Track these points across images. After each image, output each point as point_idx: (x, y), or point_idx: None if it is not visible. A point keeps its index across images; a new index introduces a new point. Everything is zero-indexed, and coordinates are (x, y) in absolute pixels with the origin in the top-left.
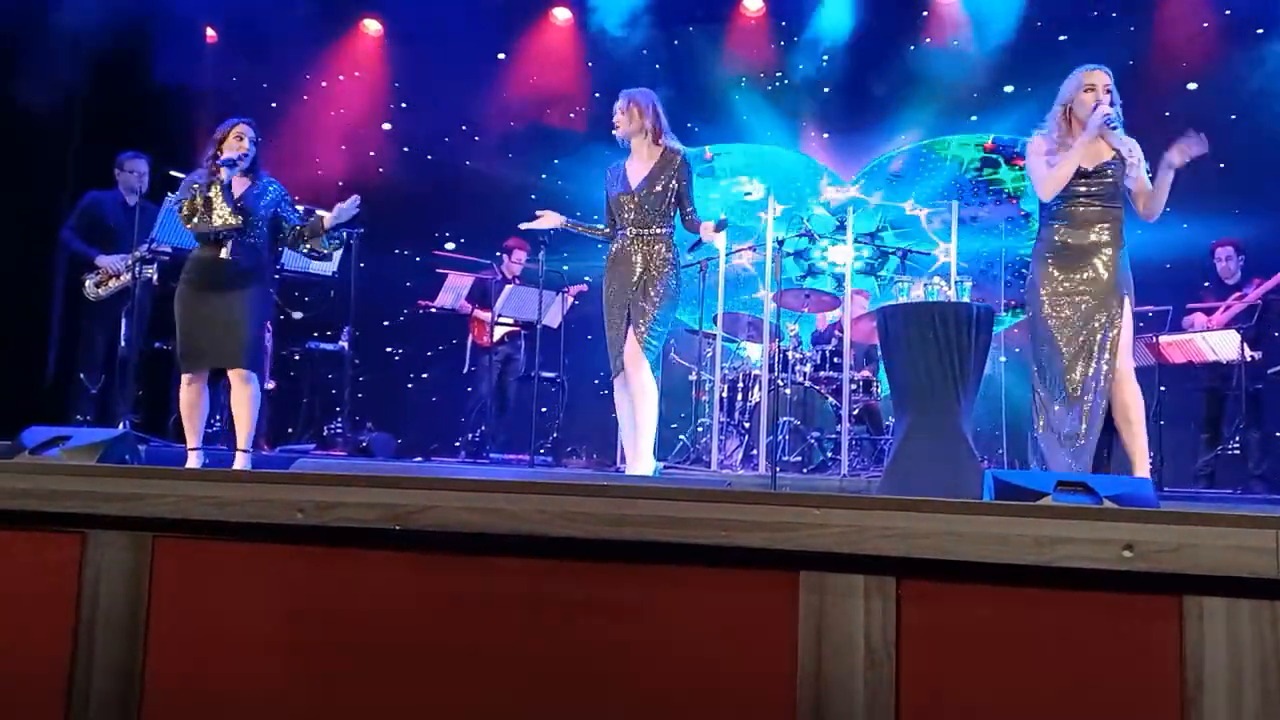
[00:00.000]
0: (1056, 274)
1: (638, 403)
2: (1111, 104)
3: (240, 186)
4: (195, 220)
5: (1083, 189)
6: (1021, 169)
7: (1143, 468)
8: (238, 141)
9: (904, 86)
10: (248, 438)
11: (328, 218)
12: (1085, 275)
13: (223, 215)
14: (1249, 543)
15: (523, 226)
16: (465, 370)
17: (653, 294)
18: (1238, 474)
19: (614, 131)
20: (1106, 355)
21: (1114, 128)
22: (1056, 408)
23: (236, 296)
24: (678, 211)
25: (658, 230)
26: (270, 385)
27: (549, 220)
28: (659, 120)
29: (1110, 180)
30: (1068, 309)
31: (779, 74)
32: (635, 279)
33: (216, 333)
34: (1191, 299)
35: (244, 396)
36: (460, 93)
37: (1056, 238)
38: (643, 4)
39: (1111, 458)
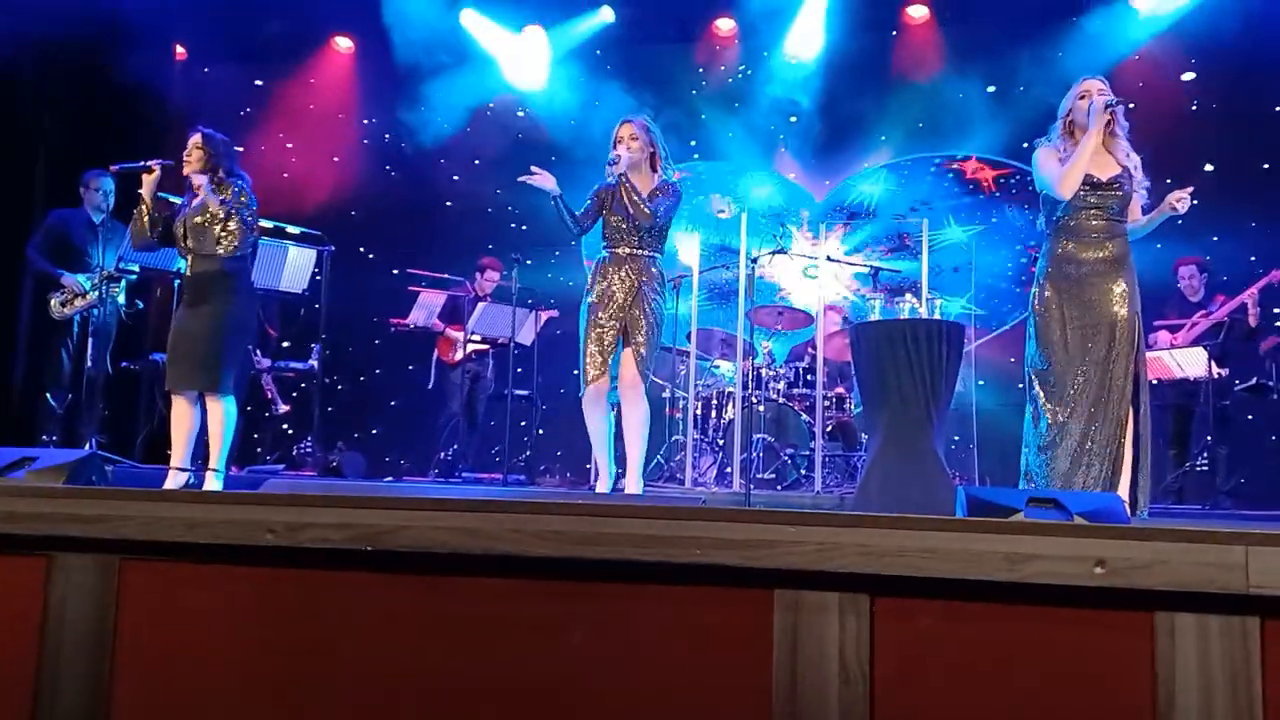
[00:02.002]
0: (1063, 291)
1: (633, 424)
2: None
3: (195, 200)
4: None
5: (1094, 200)
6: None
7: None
8: (187, 157)
9: (876, 105)
10: (219, 457)
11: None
12: (1095, 296)
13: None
14: (1218, 559)
15: (521, 179)
16: (430, 387)
17: (648, 315)
18: (1206, 490)
19: (613, 158)
20: (1110, 387)
21: (1111, 107)
22: (1044, 426)
23: (201, 314)
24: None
25: (652, 253)
26: (285, 408)
27: (545, 181)
28: (660, 147)
29: (1120, 194)
30: (1075, 333)
31: (750, 93)
32: (629, 298)
33: (186, 352)
34: (1156, 316)
35: (214, 416)
36: (431, 110)
37: (1064, 251)
38: (615, 23)
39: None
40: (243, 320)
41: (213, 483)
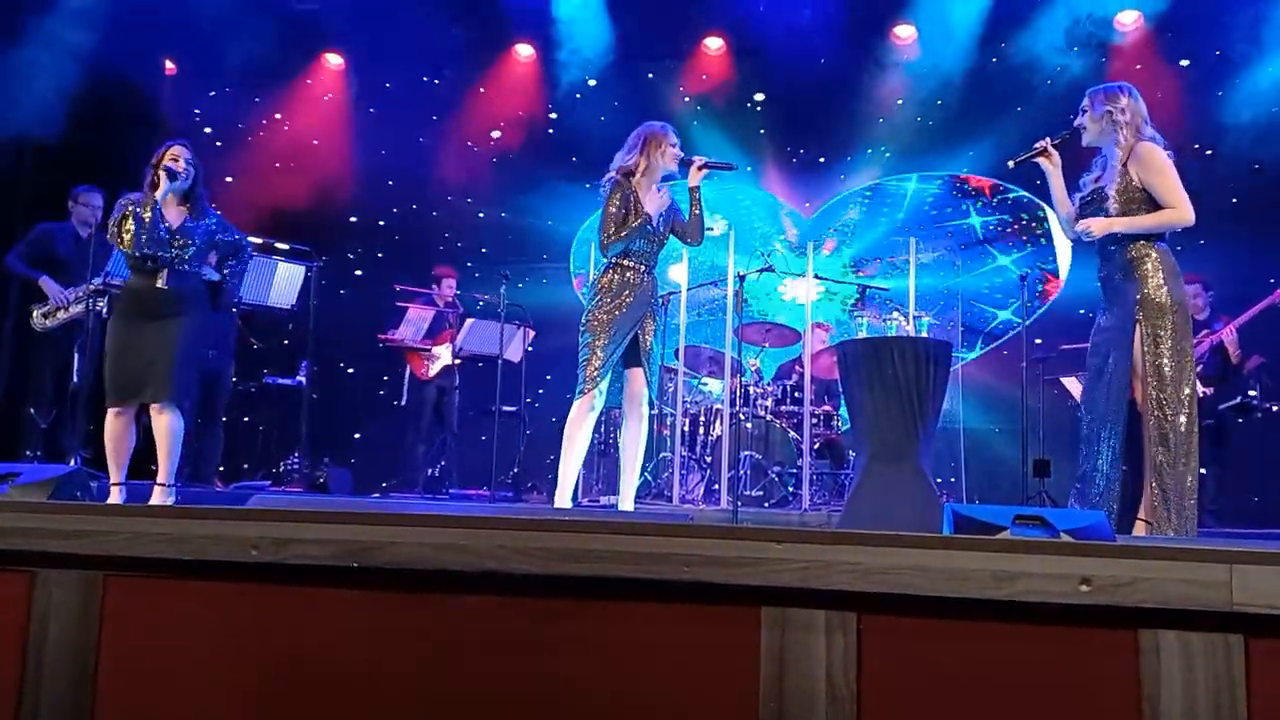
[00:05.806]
0: (1101, 308)
1: (635, 441)
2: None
3: (178, 216)
4: (126, 239)
5: (1090, 215)
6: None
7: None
8: (174, 162)
9: (864, 125)
10: (169, 471)
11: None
12: (1112, 309)
13: (153, 238)
14: (1203, 577)
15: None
16: (404, 404)
17: (654, 333)
18: None
19: (674, 161)
20: (1110, 392)
21: (1039, 152)
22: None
23: (167, 326)
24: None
25: (655, 270)
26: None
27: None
28: None
29: (1107, 201)
30: (1094, 347)
31: (740, 111)
32: (644, 314)
33: (145, 364)
34: None
35: (162, 428)
36: (422, 127)
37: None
38: (605, 41)
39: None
40: (210, 332)
41: (160, 496)
